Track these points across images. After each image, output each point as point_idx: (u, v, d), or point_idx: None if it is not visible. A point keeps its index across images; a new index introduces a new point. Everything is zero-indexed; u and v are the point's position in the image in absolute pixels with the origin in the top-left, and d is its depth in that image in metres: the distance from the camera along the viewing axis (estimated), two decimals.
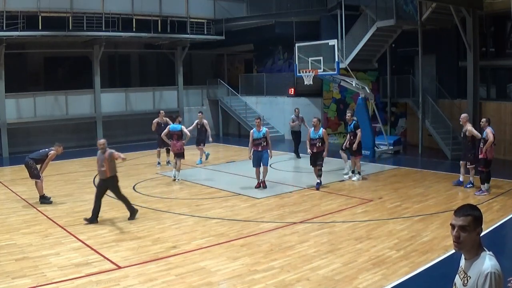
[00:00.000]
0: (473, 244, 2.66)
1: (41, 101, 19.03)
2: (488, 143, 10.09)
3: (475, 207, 2.72)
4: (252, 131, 11.41)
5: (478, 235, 2.65)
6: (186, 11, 21.50)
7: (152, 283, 5.97)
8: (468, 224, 2.63)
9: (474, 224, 2.64)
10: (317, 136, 11.35)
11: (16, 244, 7.52)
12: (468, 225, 2.63)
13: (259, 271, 6.34)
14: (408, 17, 16.96)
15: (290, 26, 20.58)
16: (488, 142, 10.09)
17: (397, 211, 9.29)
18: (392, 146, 16.75)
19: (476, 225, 2.64)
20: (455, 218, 2.67)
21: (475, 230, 2.64)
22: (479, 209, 2.72)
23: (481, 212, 2.71)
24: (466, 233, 2.63)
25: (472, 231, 2.63)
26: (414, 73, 18.48)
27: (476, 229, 2.64)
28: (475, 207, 2.73)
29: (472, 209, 2.70)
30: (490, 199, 10.00)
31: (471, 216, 2.64)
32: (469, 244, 2.65)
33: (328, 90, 20.14)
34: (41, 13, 17.38)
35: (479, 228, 2.65)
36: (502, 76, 17.20)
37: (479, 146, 10.47)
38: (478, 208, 2.74)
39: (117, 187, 8.99)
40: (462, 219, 2.64)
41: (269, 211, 9.45)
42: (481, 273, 2.56)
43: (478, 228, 2.65)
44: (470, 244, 2.65)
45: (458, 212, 2.68)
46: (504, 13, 14.88)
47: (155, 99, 22.40)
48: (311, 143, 11.41)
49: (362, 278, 6.03)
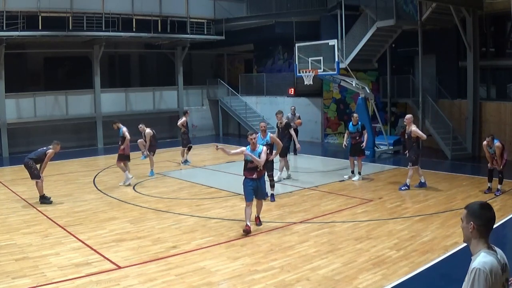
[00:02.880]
0: (468, 237, 2.76)
1: (41, 101, 19.03)
2: (500, 156, 10.29)
3: (478, 203, 2.81)
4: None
5: (473, 229, 2.72)
6: (186, 11, 21.50)
7: (152, 283, 5.97)
8: (462, 217, 2.81)
9: (467, 217, 2.76)
10: (264, 142, 9.85)
11: (16, 244, 7.51)
12: (462, 218, 2.81)
13: (259, 271, 6.34)
14: (408, 17, 16.97)
15: (290, 26, 20.58)
16: (500, 154, 10.29)
17: (397, 211, 9.29)
18: (392, 146, 16.75)
19: (468, 219, 2.75)
20: None
21: (468, 223, 2.75)
22: (480, 205, 2.77)
23: (481, 209, 2.74)
24: (462, 224, 2.81)
25: (465, 224, 2.77)
26: (414, 73, 18.48)
27: (468, 222, 2.74)
28: (479, 203, 2.81)
29: (473, 204, 2.82)
30: (490, 199, 10.00)
31: (466, 209, 2.80)
32: (464, 235, 2.79)
33: (328, 90, 20.14)
34: (41, 13, 17.38)
35: (470, 223, 2.72)
36: (502, 76, 17.19)
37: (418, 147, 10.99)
38: (484, 205, 2.78)
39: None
40: (462, 211, 2.85)
41: (269, 211, 9.44)
42: (470, 268, 2.65)
43: (470, 222, 2.73)
44: (466, 236, 2.78)
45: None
46: (504, 13, 14.88)
47: (155, 99, 22.40)
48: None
49: (362, 278, 6.03)
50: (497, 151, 10.23)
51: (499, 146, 10.21)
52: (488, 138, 10.39)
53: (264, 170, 8.42)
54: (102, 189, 11.76)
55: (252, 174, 8.04)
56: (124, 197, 10.79)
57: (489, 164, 10.54)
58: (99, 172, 14.20)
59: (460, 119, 16.39)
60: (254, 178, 8.02)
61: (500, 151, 10.22)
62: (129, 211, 9.56)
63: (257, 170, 8.07)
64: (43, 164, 10.29)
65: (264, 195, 8.81)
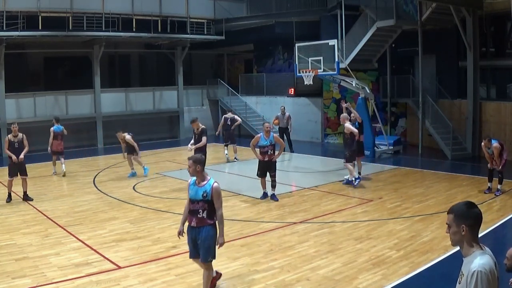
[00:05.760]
0: (460, 240, 2.68)
1: (41, 101, 19.02)
2: (499, 156, 10.29)
3: (462, 204, 2.73)
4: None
5: (465, 231, 2.65)
6: (186, 11, 21.49)
7: (152, 283, 5.98)
8: (450, 222, 2.71)
9: (456, 221, 2.67)
10: (268, 142, 10.14)
11: (16, 244, 7.52)
12: (449, 223, 2.71)
13: (259, 271, 6.34)
14: (408, 17, 16.96)
15: (290, 26, 20.58)
16: (498, 155, 10.28)
17: (397, 211, 9.29)
18: (392, 146, 16.75)
19: (458, 222, 2.66)
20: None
21: (458, 227, 2.66)
22: (467, 206, 2.70)
23: (469, 209, 2.68)
24: (450, 230, 2.71)
25: (456, 228, 2.67)
26: (414, 73, 18.48)
27: (459, 226, 2.66)
28: (463, 203, 2.73)
29: (457, 206, 2.73)
30: (490, 199, 10.00)
31: (452, 214, 2.70)
32: (456, 241, 2.70)
33: (328, 90, 20.14)
34: (41, 13, 17.37)
35: (463, 225, 2.65)
36: (502, 76, 17.18)
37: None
38: (469, 204, 2.72)
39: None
40: (447, 216, 2.74)
41: (269, 211, 9.45)
42: (469, 271, 2.58)
43: (462, 225, 2.65)
44: (457, 240, 2.69)
45: (448, 209, 2.78)
46: (504, 13, 14.88)
47: (155, 99, 22.40)
48: (262, 151, 10.20)
49: (362, 278, 6.03)
50: (495, 152, 10.24)
51: (497, 147, 10.22)
52: (485, 140, 10.44)
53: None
54: (102, 189, 11.76)
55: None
56: (124, 197, 10.79)
57: (489, 164, 10.55)
58: (99, 172, 14.20)
59: (460, 119, 16.39)
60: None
61: (498, 152, 10.24)
62: (129, 211, 9.57)
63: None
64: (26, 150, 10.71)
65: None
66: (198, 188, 5.26)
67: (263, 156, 10.17)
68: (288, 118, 17.04)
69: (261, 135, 10.24)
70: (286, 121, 16.95)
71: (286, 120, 16.97)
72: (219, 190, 5.27)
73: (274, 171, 10.30)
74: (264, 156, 10.16)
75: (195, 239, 5.33)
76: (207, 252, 5.28)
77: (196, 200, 5.25)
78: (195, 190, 5.28)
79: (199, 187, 5.26)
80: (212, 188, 5.21)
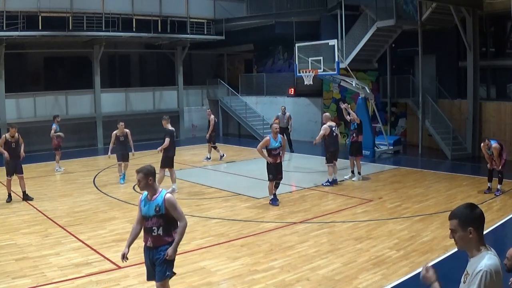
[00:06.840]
0: (468, 243, 2.67)
1: (41, 101, 19.03)
2: (498, 156, 10.32)
3: (464, 207, 2.72)
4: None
5: (473, 234, 2.64)
6: (186, 11, 21.50)
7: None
8: (454, 227, 2.69)
9: (461, 225, 2.66)
10: (278, 144, 9.85)
11: (16, 244, 7.52)
12: (454, 228, 2.69)
13: (259, 271, 6.34)
14: (408, 17, 16.95)
15: (290, 26, 20.57)
16: (497, 155, 10.30)
17: (397, 211, 9.29)
18: (392, 146, 16.75)
19: (464, 226, 2.65)
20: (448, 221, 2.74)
21: (465, 230, 2.65)
22: (469, 208, 2.70)
23: (472, 211, 2.68)
24: (455, 234, 2.69)
25: (462, 232, 2.66)
26: (414, 73, 18.48)
27: (465, 229, 2.65)
28: (464, 206, 2.72)
29: (460, 210, 2.71)
30: (490, 199, 10.00)
31: (456, 219, 2.68)
32: (463, 244, 2.69)
33: (328, 90, 20.14)
34: (41, 13, 17.38)
35: (470, 228, 2.64)
36: (502, 76, 17.18)
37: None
38: (471, 206, 2.71)
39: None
40: (450, 222, 2.72)
41: (269, 211, 9.45)
42: (475, 270, 2.59)
43: (468, 228, 2.64)
44: (463, 243, 2.68)
45: (449, 215, 2.74)
46: (504, 13, 14.87)
47: (155, 99, 22.41)
48: (274, 153, 9.81)
49: (362, 278, 6.03)
50: (495, 152, 10.26)
51: (496, 147, 10.24)
52: (484, 142, 10.47)
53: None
54: (102, 189, 11.76)
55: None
56: (124, 197, 10.80)
57: (489, 164, 10.56)
58: (99, 172, 14.21)
59: (460, 119, 16.39)
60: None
61: (498, 152, 10.25)
62: (129, 211, 9.56)
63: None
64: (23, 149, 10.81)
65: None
66: (151, 203, 4.69)
67: (275, 159, 9.78)
68: (288, 118, 17.12)
69: (270, 138, 9.86)
70: (287, 121, 17.06)
71: (287, 120, 17.08)
72: (172, 200, 4.69)
73: (281, 173, 10.10)
74: (276, 158, 9.79)
75: (153, 260, 4.78)
76: (165, 270, 4.74)
77: (149, 216, 4.68)
78: (148, 206, 4.70)
79: (152, 201, 4.70)
80: (165, 199, 4.64)
